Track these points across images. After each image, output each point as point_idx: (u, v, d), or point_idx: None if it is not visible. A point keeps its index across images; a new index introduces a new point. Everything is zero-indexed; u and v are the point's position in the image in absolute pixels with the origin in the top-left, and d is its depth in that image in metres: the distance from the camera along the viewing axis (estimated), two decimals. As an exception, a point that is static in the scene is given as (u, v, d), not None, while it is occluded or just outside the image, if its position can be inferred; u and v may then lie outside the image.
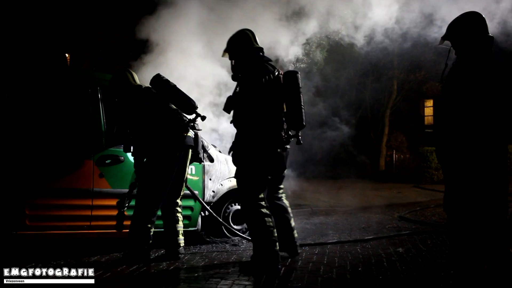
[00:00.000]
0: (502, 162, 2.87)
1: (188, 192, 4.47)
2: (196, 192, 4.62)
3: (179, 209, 4.18)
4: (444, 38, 3.19)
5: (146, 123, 4.07)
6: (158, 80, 4.18)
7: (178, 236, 4.11)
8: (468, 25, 3.06)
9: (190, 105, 4.13)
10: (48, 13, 12.54)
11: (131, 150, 4.19)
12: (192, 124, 4.21)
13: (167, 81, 4.17)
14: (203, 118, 4.20)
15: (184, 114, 4.24)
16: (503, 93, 2.87)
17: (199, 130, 4.32)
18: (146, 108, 4.10)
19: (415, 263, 3.88)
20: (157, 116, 4.11)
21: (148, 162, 4.14)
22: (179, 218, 4.15)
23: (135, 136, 4.14)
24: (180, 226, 4.15)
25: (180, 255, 4.08)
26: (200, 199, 4.68)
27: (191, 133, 4.26)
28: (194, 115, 4.20)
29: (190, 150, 4.25)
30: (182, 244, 4.13)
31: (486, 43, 3.01)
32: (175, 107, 4.19)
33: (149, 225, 4.05)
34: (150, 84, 4.21)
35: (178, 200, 4.18)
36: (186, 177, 4.29)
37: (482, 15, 3.08)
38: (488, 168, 2.84)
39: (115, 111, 4.36)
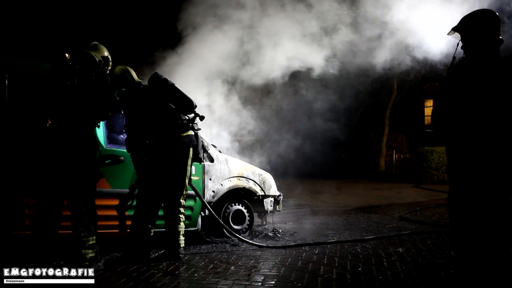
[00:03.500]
0: (506, 162, 2.86)
1: (190, 192, 4.47)
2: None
3: (182, 210, 4.16)
4: (455, 29, 3.14)
5: (143, 122, 4.07)
6: (156, 78, 4.15)
7: (179, 237, 4.10)
8: (482, 21, 3.00)
9: (188, 105, 4.11)
10: (48, 13, 12.55)
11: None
12: (191, 124, 4.19)
13: (166, 79, 4.15)
14: (202, 118, 4.19)
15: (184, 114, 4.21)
16: (508, 94, 2.85)
17: (198, 130, 4.31)
18: (144, 107, 4.09)
19: (415, 263, 3.88)
20: (154, 116, 4.11)
21: (147, 162, 4.13)
22: (181, 218, 4.14)
23: (133, 135, 4.12)
24: (182, 227, 4.14)
25: (180, 255, 4.08)
26: (204, 200, 4.68)
27: (190, 133, 4.24)
28: (192, 115, 4.19)
29: (191, 150, 4.23)
30: (182, 245, 4.12)
31: (496, 44, 2.98)
32: (173, 106, 4.16)
33: (150, 225, 4.05)
34: (148, 82, 4.19)
35: (182, 200, 4.17)
36: (190, 177, 4.28)
37: (497, 16, 3.03)
38: (493, 168, 2.84)
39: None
